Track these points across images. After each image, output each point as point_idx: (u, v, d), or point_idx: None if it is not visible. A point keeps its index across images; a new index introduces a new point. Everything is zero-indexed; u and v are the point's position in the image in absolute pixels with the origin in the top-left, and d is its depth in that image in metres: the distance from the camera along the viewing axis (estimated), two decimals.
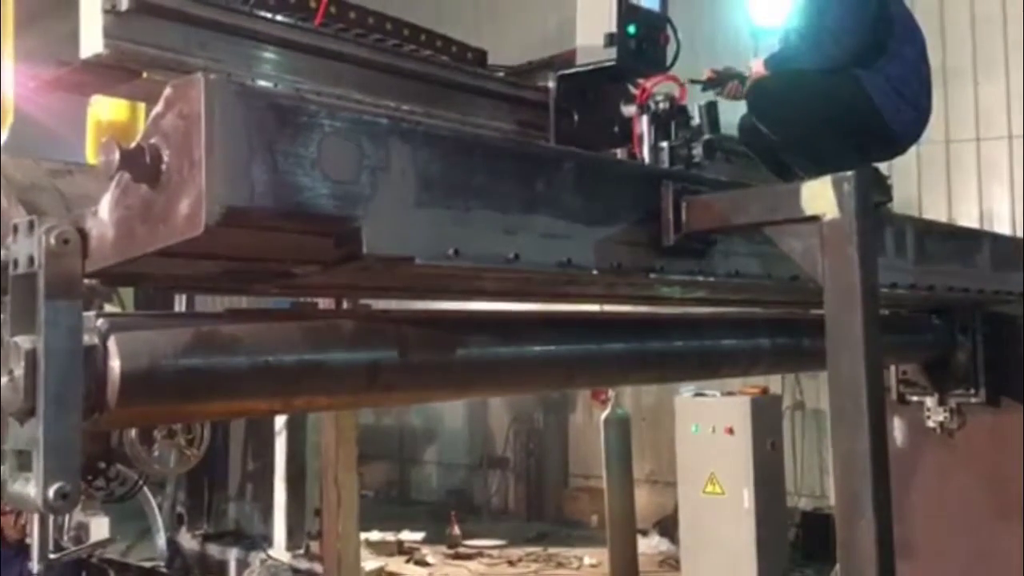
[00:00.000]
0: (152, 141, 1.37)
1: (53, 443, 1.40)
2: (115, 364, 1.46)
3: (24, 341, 1.42)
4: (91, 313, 1.49)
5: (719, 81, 3.96)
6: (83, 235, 1.45)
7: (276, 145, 1.39)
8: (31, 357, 1.41)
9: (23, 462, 1.44)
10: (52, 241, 1.42)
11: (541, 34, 10.35)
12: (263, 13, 2.85)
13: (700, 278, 2.18)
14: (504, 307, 2.60)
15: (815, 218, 1.86)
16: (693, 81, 3.82)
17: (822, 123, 3.66)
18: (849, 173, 1.85)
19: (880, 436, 1.82)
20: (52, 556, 5.13)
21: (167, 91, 1.36)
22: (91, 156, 4.09)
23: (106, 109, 4.36)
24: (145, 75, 2.53)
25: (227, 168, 1.32)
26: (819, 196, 1.86)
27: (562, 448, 12.08)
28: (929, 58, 4.08)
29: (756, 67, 3.86)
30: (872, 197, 1.98)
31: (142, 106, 3.80)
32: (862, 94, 3.72)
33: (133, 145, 1.36)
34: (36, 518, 4.89)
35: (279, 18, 2.88)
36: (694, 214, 2.06)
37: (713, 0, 10.16)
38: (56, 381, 1.41)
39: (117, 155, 1.36)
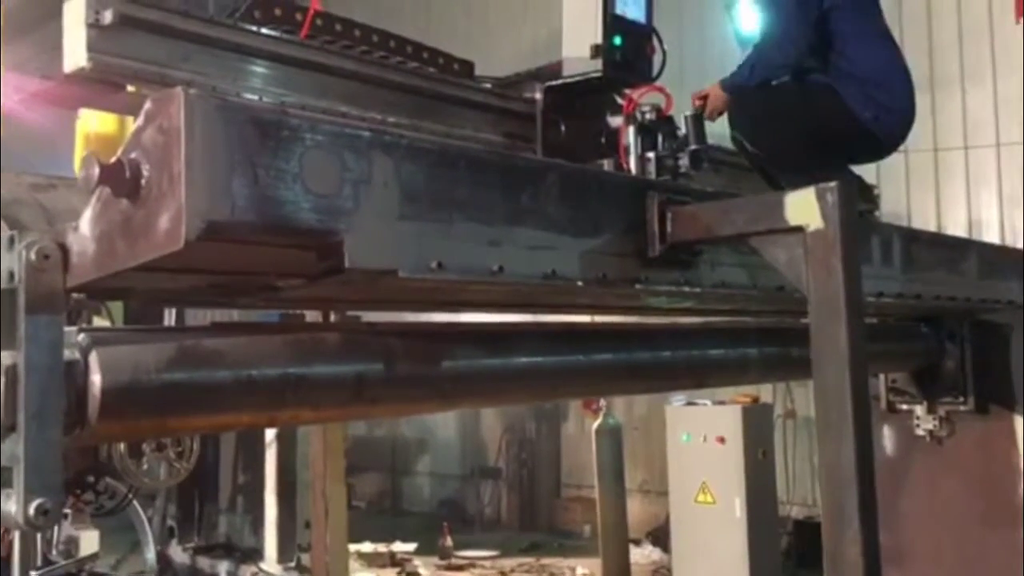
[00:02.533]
0: (132, 155, 1.36)
1: (34, 459, 1.39)
2: (96, 379, 1.45)
3: (5, 357, 1.41)
4: (72, 328, 1.49)
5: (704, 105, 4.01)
6: (64, 250, 1.44)
7: (257, 159, 1.38)
8: (11, 373, 1.40)
9: (4, 478, 1.43)
10: (32, 256, 1.41)
11: (532, 44, 10.39)
12: (248, 26, 2.85)
13: (686, 288, 2.18)
14: (492, 318, 2.60)
15: (799, 228, 1.87)
16: (695, 115, 3.85)
17: (802, 134, 3.70)
18: (832, 184, 1.85)
19: (866, 446, 1.82)
20: (35, 573, 5.10)
21: (147, 105, 1.35)
22: (78, 168, 4.08)
23: (94, 122, 4.36)
24: (130, 88, 2.53)
25: (207, 182, 1.32)
26: (803, 206, 1.86)
27: (554, 458, 12.07)
28: (912, 63, 4.12)
29: (713, 92, 3.91)
30: (856, 207, 1.99)
31: (131, 119, 3.80)
32: (838, 103, 3.76)
33: (113, 160, 1.36)
34: (17, 534, 4.87)
35: (264, 31, 2.89)
36: (679, 225, 2.06)
37: (701, 11, 10.21)
38: (37, 396, 1.40)
39: (97, 170, 1.35)
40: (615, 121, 3.64)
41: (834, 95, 3.79)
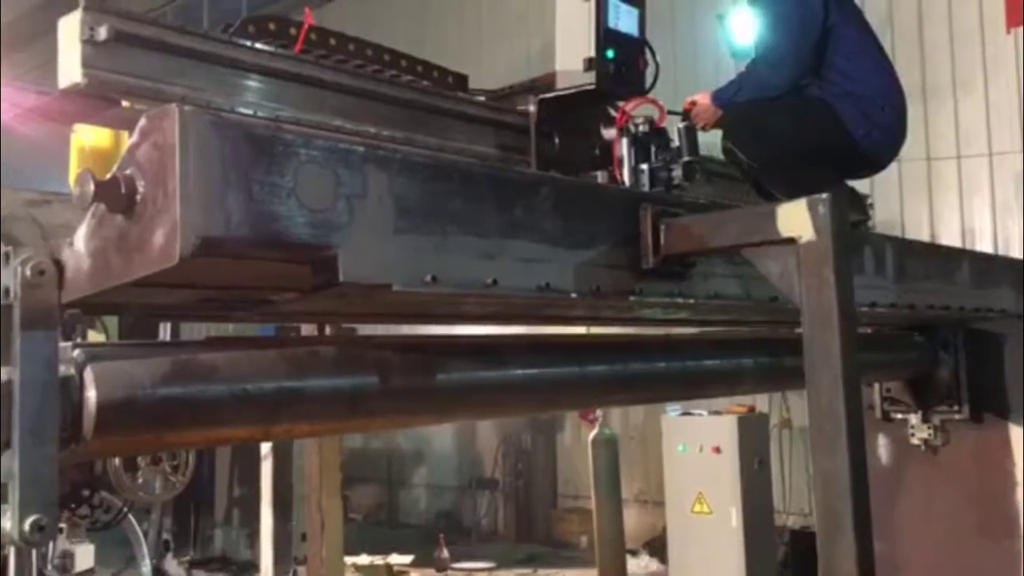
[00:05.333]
0: (127, 172, 1.37)
1: (29, 475, 1.39)
2: (91, 395, 1.45)
3: (0, 373, 1.41)
4: (67, 344, 1.49)
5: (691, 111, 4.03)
6: (59, 266, 1.45)
7: (251, 175, 1.39)
8: (7, 389, 1.40)
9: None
10: (28, 272, 1.42)
11: (525, 55, 10.43)
12: (242, 41, 2.86)
13: (680, 300, 2.19)
14: (487, 330, 2.61)
15: (791, 240, 1.88)
16: (671, 112, 3.88)
17: (796, 148, 3.73)
18: (824, 195, 1.86)
19: (859, 456, 1.83)
20: None
21: (142, 122, 1.36)
22: (73, 183, 4.08)
23: (89, 136, 4.36)
24: (125, 104, 2.53)
25: (202, 198, 1.32)
26: (795, 218, 1.87)
27: (551, 469, 12.06)
28: (903, 72, 4.15)
29: (703, 102, 3.93)
30: (848, 219, 2.00)
31: (125, 133, 3.81)
32: (833, 119, 3.79)
33: (108, 176, 1.37)
34: (13, 550, 4.85)
35: (259, 46, 2.90)
36: (672, 236, 2.07)
37: (693, 23, 10.25)
38: (32, 412, 1.40)
39: (92, 186, 1.36)
40: (608, 133, 3.65)
41: (830, 110, 3.81)
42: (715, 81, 4.30)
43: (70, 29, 2.42)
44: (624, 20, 3.73)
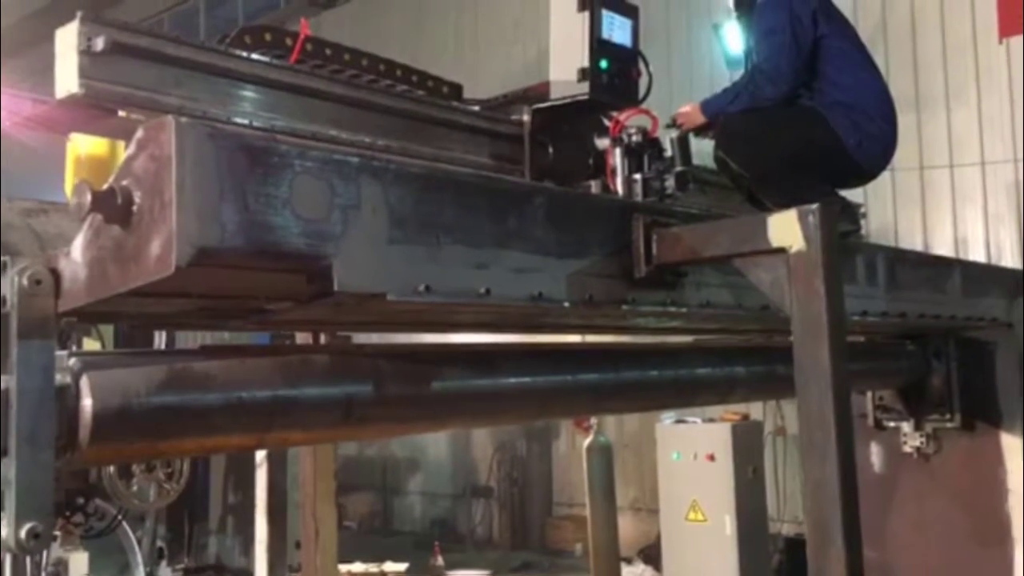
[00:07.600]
0: (124, 183, 1.38)
1: (25, 483, 1.40)
2: (87, 403, 1.47)
3: None
4: (63, 352, 1.50)
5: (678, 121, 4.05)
6: (56, 275, 1.46)
7: (247, 185, 1.41)
8: (4, 397, 1.41)
9: None
10: (24, 282, 1.43)
11: (522, 63, 10.46)
12: (238, 52, 2.88)
13: (672, 309, 2.21)
14: (482, 338, 2.62)
15: (782, 250, 1.89)
16: (668, 126, 3.90)
17: (788, 158, 3.74)
18: (814, 205, 1.88)
19: (849, 465, 1.84)
20: None
21: (138, 133, 1.38)
22: (70, 192, 4.09)
23: (85, 145, 4.37)
24: (122, 113, 2.55)
25: (198, 209, 1.34)
26: (785, 228, 1.89)
27: (546, 476, 12.05)
28: (896, 82, 4.17)
29: (693, 110, 3.94)
30: (838, 229, 2.02)
31: (121, 143, 3.82)
32: (825, 129, 3.81)
33: (105, 187, 1.38)
34: (8, 557, 4.84)
35: (255, 56, 2.91)
36: (664, 246, 2.08)
37: (688, 33, 10.29)
38: (28, 420, 1.41)
39: (89, 197, 1.37)
40: (602, 143, 3.68)
41: (822, 120, 3.84)
42: (710, 91, 4.32)
43: (67, 39, 2.43)
44: (618, 31, 3.76)
